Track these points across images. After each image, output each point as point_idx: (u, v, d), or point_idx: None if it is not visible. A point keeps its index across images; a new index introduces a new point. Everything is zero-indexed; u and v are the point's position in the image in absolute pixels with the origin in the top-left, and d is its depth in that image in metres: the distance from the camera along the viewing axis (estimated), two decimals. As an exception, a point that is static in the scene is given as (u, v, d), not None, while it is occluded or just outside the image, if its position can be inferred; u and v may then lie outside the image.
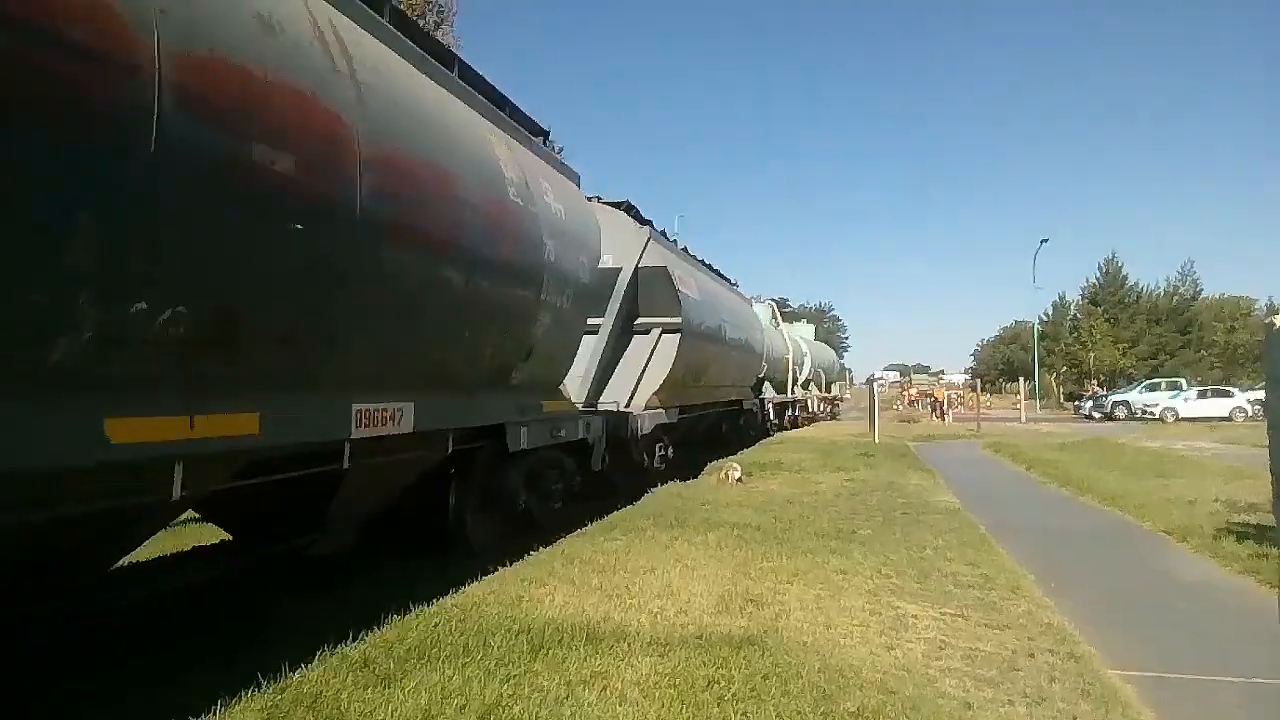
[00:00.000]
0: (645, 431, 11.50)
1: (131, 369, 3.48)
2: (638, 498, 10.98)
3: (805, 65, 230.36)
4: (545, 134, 8.61)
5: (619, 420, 11.03)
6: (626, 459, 11.38)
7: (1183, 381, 42.51)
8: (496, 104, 7.39)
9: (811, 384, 33.86)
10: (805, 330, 38.50)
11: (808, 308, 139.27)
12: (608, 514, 9.59)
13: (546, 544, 7.84)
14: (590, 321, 10.54)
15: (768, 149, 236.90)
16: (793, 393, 29.35)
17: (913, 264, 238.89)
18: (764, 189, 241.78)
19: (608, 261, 10.60)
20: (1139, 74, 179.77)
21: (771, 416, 25.25)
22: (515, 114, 7.77)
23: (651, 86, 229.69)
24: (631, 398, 11.76)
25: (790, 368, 28.44)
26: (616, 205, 12.32)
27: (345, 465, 4.99)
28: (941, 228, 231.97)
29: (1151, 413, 37.74)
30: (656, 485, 12.12)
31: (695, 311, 13.31)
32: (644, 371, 11.95)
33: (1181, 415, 36.43)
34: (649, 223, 12.83)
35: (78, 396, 3.27)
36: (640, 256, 12.15)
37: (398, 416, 5.38)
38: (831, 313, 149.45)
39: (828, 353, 41.50)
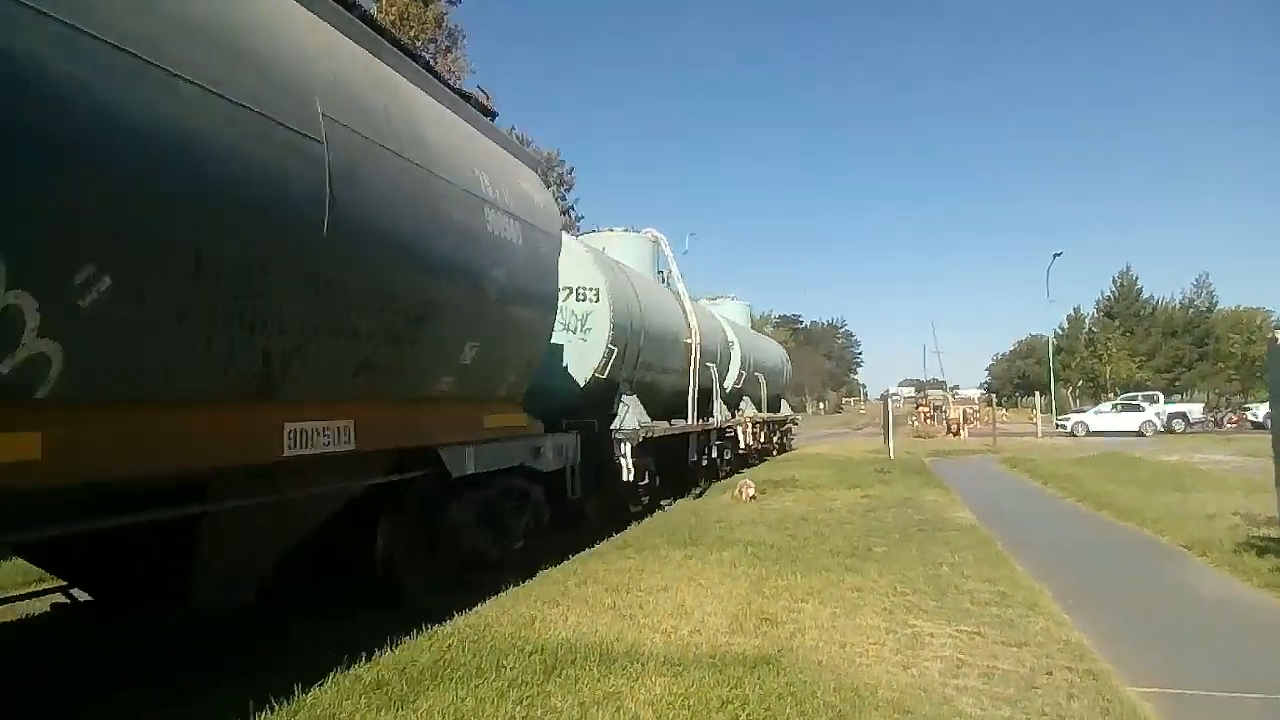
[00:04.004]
0: None
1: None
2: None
3: (818, 82, 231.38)
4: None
5: None
6: None
7: (1159, 395, 43.61)
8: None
9: (745, 399, 19.80)
10: (735, 311, 22.80)
11: (820, 324, 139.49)
12: (621, 532, 9.59)
13: (560, 563, 7.84)
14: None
15: (779, 166, 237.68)
16: (698, 417, 14.21)
17: (926, 278, 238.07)
18: (775, 206, 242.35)
19: None
20: (1153, 87, 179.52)
21: (630, 472, 10.39)
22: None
23: (664, 104, 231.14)
24: None
25: (693, 366, 13.82)
26: None
27: None
28: (955, 243, 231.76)
29: (1063, 426, 38.91)
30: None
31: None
32: None
33: (1092, 429, 37.25)
34: None
35: None
36: None
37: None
38: (845, 328, 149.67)
39: (771, 349, 25.35)
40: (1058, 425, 39.55)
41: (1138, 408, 38.74)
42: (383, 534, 5.92)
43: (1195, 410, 40.77)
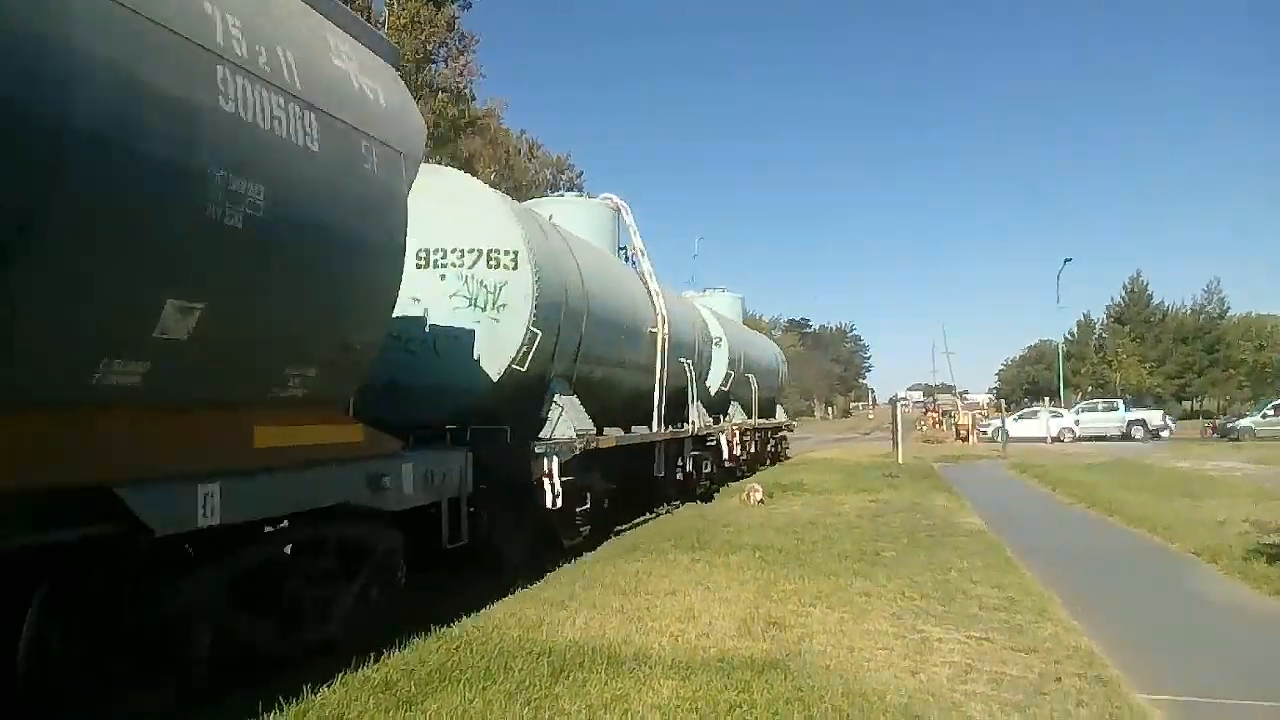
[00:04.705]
0: None
1: None
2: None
3: (827, 84, 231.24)
4: None
5: None
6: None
7: (1120, 402, 44.38)
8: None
9: (734, 404, 17.39)
10: (724, 304, 20.52)
11: (829, 328, 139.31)
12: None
13: (567, 566, 7.84)
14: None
15: (788, 168, 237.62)
16: (668, 423, 11.89)
17: (936, 283, 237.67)
18: (784, 209, 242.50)
19: None
20: (1165, 92, 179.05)
21: (556, 497, 7.71)
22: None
23: (671, 105, 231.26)
24: None
25: (660, 362, 11.38)
26: None
27: None
28: (965, 248, 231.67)
29: (984, 431, 40.23)
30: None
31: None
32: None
33: (1012, 435, 37.52)
34: None
35: None
36: None
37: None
38: (853, 332, 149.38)
39: (765, 347, 23.15)
40: (980, 430, 40.92)
41: (1057, 414, 41.88)
42: (29, 632, 3.47)
43: (1155, 417, 41.59)
